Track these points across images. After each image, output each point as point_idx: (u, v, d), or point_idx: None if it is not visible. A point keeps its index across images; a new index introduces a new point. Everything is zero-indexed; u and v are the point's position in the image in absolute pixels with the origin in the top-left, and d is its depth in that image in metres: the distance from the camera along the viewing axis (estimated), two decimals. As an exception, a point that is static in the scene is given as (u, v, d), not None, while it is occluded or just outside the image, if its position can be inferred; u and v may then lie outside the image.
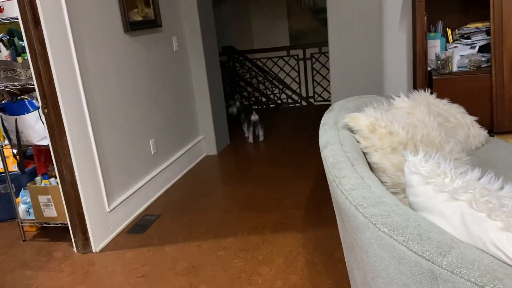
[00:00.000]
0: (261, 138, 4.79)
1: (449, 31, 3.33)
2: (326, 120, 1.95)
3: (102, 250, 2.75)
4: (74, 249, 2.76)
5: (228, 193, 3.45)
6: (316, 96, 6.60)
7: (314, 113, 5.96)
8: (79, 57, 2.67)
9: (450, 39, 3.32)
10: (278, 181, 3.56)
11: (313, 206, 3.03)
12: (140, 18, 3.34)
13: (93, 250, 2.73)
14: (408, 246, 1.01)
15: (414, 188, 1.21)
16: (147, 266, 2.50)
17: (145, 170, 3.38)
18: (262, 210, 3.07)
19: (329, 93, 6.31)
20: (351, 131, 1.79)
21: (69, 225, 2.72)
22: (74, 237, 2.73)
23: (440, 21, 3.33)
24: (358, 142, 1.75)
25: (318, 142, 1.79)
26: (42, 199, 2.82)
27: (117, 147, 3.03)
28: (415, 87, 3.42)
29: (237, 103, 5.03)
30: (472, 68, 3.11)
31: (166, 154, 3.71)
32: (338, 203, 1.36)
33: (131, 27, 3.20)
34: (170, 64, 3.83)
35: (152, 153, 3.48)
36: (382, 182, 1.69)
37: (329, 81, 5.89)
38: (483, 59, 3.09)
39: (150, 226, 3.00)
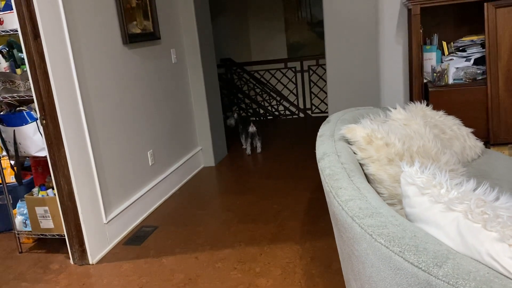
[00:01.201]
0: (259, 150, 4.80)
1: (444, 44, 3.37)
2: (323, 132, 1.96)
3: (99, 262, 2.74)
4: (71, 260, 2.74)
5: (225, 205, 3.45)
6: (313, 108, 6.63)
7: (312, 124, 5.99)
8: (78, 69, 2.69)
9: (446, 52, 3.36)
10: (275, 193, 3.56)
11: (311, 218, 3.03)
12: (139, 31, 3.37)
13: (90, 262, 2.72)
14: (405, 257, 1.01)
15: (410, 199, 1.22)
16: (144, 278, 2.48)
17: (143, 181, 3.38)
18: (259, 221, 3.06)
19: (327, 105, 6.34)
20: (348, 142, 1.80)
21: (66, 237, 2.71)
22: (71, 248, 2.72)
23: (435, 34, 3.37)
24: (354, 153, 1.76)
25: (315, 153, 1.80)
26: (39, 210, 2.81)
27: (115, 158, 3.04)
28: (411, 99, 3.44)
29: (235, 115, 5.05)
30: (467, 80, 3.14)
31: (164, 166, 3.71)
32: (334, 214, 1.37)
33: (130, 39, 3.23)
34: (169, 76, 3.85)
35: (150, 164, 3.48)
36: (379, 193, 1.70)
37: (326, 93, 5.93)
38: (479, 71, 3.12)
39: (147, 237, 2.99)
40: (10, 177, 3.20)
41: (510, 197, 1.10)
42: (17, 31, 2.48)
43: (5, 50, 2.80)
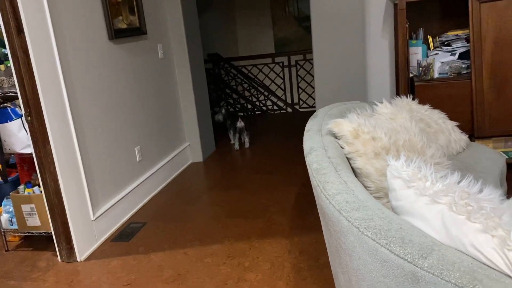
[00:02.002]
0: (247, 145, 4.81)
1: (430, 38, 3.40)
2: (310, 126, 1.97)
3: (87, 259, 2.72)
4: (58, 258, 2.72)
5: (214, 200, 3.45)
6: (301, 102, 6.65)
7: (300, 119, 6.00)
8: (63, 65, 2.66)
9: (431, 46, 3.39)
10: (264, 188, 3.57)
11: (299, 212, 3.05)
12: (124, 26, 3.34)
13: (78, 259, 2.70)
14: (391, 249, 1.03)
15: (396, 192, 1.23)
16: (133, 275, 2.48)
17: (131, 177, 3.36)
18: (248, 216, 3.07)
19: (314, 99, 6.37)
20: (335, 137, 1.81)
21: (53, 234, 2.68)
22: (58, 246, 2.69)
23: (421, 29, 3.40)
24: (342, 147, 1.77)
25: (303, 148, 1.81)
26: (25, 208, 2.78)
27: (102, 154, 3.01)
28: (397, 93, 3.47)
29: (223, 110, 5.05)
30: (452, 74, 3.17)
31: (152, 162, 3.70)
32: (322, 208, 1.38)
33: (116, 34, 3.19)
34: (155, 71, 3.82)
35: (138, 160, 3.46)
36: (365, 187, 1.72)
37: (313, 88, 5.95)
38: (463, 65, 3.16)
39: (136, 234, 2.98)
40: (-5, 175, 3.15)
41: (493, 189, 1.12)
42: (0, 26, 2.43)
43: (-12, 46, 2.76)
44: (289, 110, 6.65)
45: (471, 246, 0.99)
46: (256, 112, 6.74)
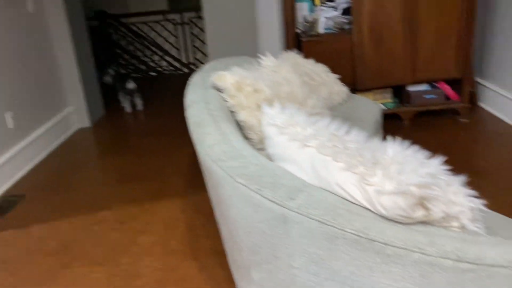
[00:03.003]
0: (140, 107, 4.59)
1: (315, -6, 3.46)
2: (194, 80, 1.90)
3: (-46, 240, 2.42)
4: None
5: (103, 166, 3.26)
6: (197, 62, 6.49)
7: (196, 80, 5.87)
8: None
9: (317, 2, 3.46)
10: (158, 150, 3.45)
11: (194, 172, 3.01)
12: (-19, -27, 2.88)
13: None
14: (262, 194, 1.03)
15: (272, 139, 1.24)
16: (10, 251, 2.26)
17: (3, 146, 3.02)
18: (141, 180, 2.96)
19: (209, 59, 6.25)
20: (219, 90, 1.77)
21: None
22: None
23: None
24: (225, 101, 1.74)
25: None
26: None
27: (-36, 122, 2.64)
28: (287, 49, 3.52)
29: (111, 71, 4.72)
30: (336, 30, 3.29)
31: (28, 128, 3.35)
32: (201, 161, 1.34)
33: (-30, -18, 2.75)
34: (25, 27, 3.40)
35: (10, 127, 3.11)
36: (249, 139, 1.72)
37: (208, 47, 5.82)
38: (345, 21, 3.29)
39: (13, 208, 2.71)
40: None
41: (359, 131, 1.17)
42: None
43: None
44: (186, 70, 6.46)
45: (336, 185, 1.02)
46: (151, 74, 6.45)
